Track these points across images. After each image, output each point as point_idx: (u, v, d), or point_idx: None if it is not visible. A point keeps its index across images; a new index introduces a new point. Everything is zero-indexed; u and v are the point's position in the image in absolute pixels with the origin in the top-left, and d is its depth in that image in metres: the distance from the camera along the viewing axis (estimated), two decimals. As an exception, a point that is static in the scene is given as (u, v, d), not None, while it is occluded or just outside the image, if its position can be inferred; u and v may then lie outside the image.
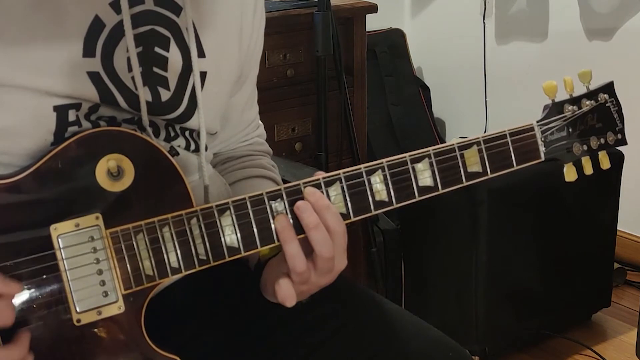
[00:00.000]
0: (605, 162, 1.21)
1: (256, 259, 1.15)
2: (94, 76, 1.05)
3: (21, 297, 0.95)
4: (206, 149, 1.19)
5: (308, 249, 1.03)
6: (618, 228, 2.57)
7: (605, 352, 2.46)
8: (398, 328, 1.19)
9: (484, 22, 3.26)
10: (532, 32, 3.14)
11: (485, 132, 3.37)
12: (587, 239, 2.48)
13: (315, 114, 2.53)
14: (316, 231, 1.02)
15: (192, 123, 1.15)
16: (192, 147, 1.18)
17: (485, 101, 3.30)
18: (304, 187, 1.04)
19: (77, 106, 1.04)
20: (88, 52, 1.04)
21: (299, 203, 1.03)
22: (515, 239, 2.33)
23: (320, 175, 1.05)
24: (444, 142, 3.33)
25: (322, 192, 1.04)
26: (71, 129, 1.04)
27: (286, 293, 1.04)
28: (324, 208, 1.03)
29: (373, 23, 2.89)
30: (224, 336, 1.20)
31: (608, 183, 2.46)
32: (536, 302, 2.42)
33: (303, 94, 2.57)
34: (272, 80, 2.50)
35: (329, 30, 2.42)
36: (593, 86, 1.21)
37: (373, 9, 2.68)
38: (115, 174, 0.99)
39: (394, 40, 3.33)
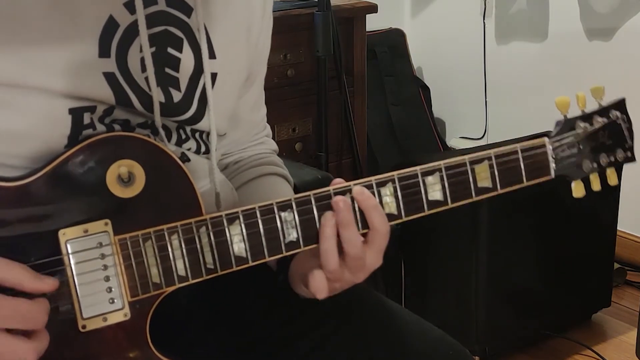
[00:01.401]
0: (612, 179, 1.21)
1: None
2: (109, 77, 1.04)
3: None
4: (215, 149, 1.19)
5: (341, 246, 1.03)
6: (618, 228, 2.57)
7: (605, 352, 2.46)
8: (398, 327, 1.19)
9: (484, 22, 3.26)
10: (532, 32, 3.14)
11: (485, 132, 3.40)
12: (587, 239, 2.48)
13: (315, 114, 2.54)
14: (348, 229, 1.02)
15: (202, 124, 1.15)
16: (203, 149, 1.18)
17: (485, 101, 3.30)
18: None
19: (92, 109, 1.04)
20: (103, 52, 1.04)
21: (339, 200, 1.03)
22: (515, 239, 2.33)
23: (339, 182, 1.05)
24: (444, 142, 3.36)
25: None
26: (86, 132, 1.04)
27: (319, 285, 1.04)
28: (371, 207, 1.03)
29: (373, 23, 2.90)
30: (225, 338, 1.20)
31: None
32: (536, 303, 2.43)
33: (303, 94, 2.58)
34: (273, 80, 2.50)
35: (329, 30, 2.42)
36: (605, 101, 1.21)
37: (373, 9, 2.68)
38: (126, 180, 0.99)
39: (394, 40, 3.33)
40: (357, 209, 1.04)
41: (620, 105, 1.22)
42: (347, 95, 2.58)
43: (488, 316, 2.32)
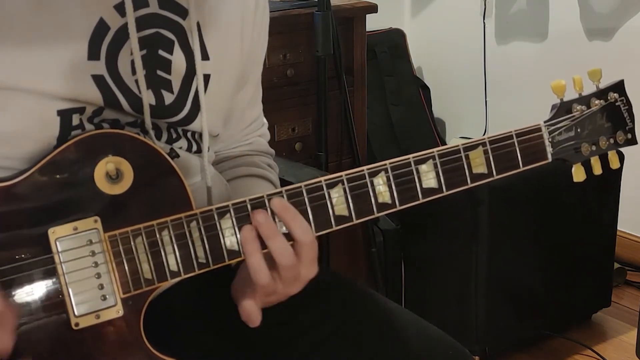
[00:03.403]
0: (615, 162, 1.20)
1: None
2: (98, 79, 1.04)
3: (19, 301, 0.95)
4: (208, 149, 1.19)
5: (271, 258, 1.02)
6: (618, 228, 2.57)
7: (605, 352, 2.46)
8: (398, 327, 1.19)
9: (484, 22, 3.26)
10: (532, 32, 3.14)
11: (485, 132, 3.40)
12: (587, 239, 2.48)
13: (315, 114, 2.53)
14: (273, 241, 1.01)
15: (194, 126, 1.15)
16: (194, 148, 1.17)
17: (485, 101, 3.30)
18: (268, 199, 1.02)
19: (80, 110, 1.04)
20: (93, 55, 1.04)
21: (256, 213, 1.02)
22: (515, 239, 2.33)
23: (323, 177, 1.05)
24: (444, 142, 3.36)
25: (325, 193, 1.04)
26: (74, 132, 1.04)
27: (250, 315, 1.04)
28: (290, 219, 1.02)
29: (373, 23, 2.89)
30: (224, 336, 1.20)
31: (608, 183, 2.46)
32: (536, 302, 2.42)
33: (303, 94, 2.57)
34: (272, 80, 2.50)
35: (329, 30, 2.41)
36: (603, 85, 1.20)
37: (373, 9, 2.68)
38: (114, 177, 0.99)
39: (394, 40, 3.32)
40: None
41: (619, 86, 1.21)
42: (347, 95, 2.57)
43: (488, 316, 2.32)
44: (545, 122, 1.16)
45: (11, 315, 0.93)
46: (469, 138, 3.47)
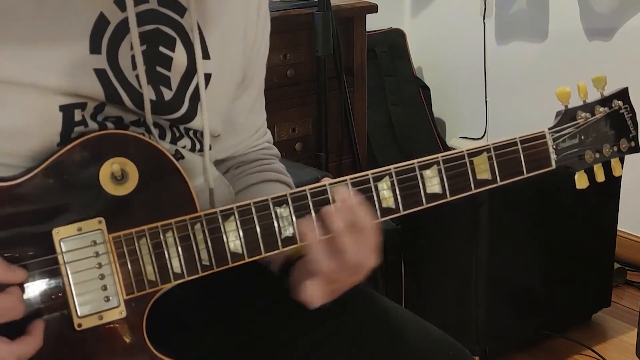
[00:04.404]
0: (617, 169, 1.20)
1: (280, 260, 1.15)
2: (100, 73, 1.04)
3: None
4: (210, 148, 1.19)
5: (333, 247, 1.02)
6: (618, 228, 2.57)
7: (605, 352, 2.45)
8: (398, 327, 1.19)
9: (484, 22, 3.26)
10: (532, 32, 3.14)
11: (485, 132, 3.40)
12: (587, 239, 2.48)
13: (315, 114, 2.54)
14: (343, 237, 1.02)
15: (195, 124, 1.15)
16: (197, 147, 1.18)
17: (485, 101, 3.30)
18: (330, 186, 1.03)
19: (82, 106, 1.04)
20: (94, 49, 1.04)
21: (327, 207, 1.03)
22: (515, 239, 2.33)
23: (327, 180, 1.04)
24: (444, 142, 3.36)
25: (329, 197, 1.04)
26: (77, 129, 1.04)
27: (312, 294, 1.04)
28: (357, 205, 1.03)
29: (373, 23, 2.90)
30: (224, 337, 1.20)
31: (608, 183, 2.45)
32: (536, 302, 2.42)
33: (303, 94, 2.58)
34: (272, 80, 2.50)
35: (329, 30, 2.42)
36: (607, 92, 1.20)
37: (373, 9, 2.68)
38: (119, 178, 0.99)
39: (394, 40, 3.33)
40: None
41: (623, 94, 1.21)
42: (347, 95, 2.58)
43: (488, 316, 2.32)
44: (549, 129, 1.16)
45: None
46: (469, 138, 3.48)
